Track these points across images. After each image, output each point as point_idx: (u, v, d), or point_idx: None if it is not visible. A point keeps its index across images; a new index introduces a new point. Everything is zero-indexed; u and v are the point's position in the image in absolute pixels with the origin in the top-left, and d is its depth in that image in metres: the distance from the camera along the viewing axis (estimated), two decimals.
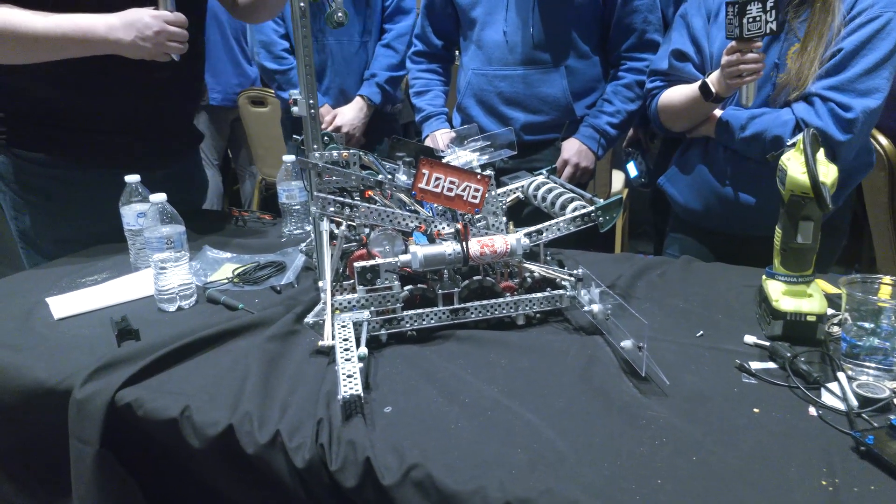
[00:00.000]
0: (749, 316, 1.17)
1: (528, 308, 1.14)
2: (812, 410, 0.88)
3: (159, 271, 1.25)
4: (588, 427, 0.86)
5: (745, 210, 1.51)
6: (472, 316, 1.13)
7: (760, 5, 1.29)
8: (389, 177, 1.18)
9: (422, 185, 1.09)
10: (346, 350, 0.95)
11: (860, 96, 1.33)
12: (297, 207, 1.63)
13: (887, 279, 1.01)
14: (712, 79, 1.43)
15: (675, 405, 0.90)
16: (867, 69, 1.32)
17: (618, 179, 3.15)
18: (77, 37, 1.34)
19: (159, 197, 1.26)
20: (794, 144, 1.10)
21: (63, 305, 1.27)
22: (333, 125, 2.07)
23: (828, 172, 0.99)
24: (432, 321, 1.11)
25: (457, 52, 2.05)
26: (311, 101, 1.04)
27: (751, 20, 1.31)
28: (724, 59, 1.37)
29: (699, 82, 1.46)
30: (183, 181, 1.74)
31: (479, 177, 1.11)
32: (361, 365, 0.92)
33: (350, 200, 1.07)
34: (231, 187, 4.12)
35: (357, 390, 0.86)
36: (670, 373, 0.96)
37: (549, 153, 1.84)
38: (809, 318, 1.04)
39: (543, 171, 1.42)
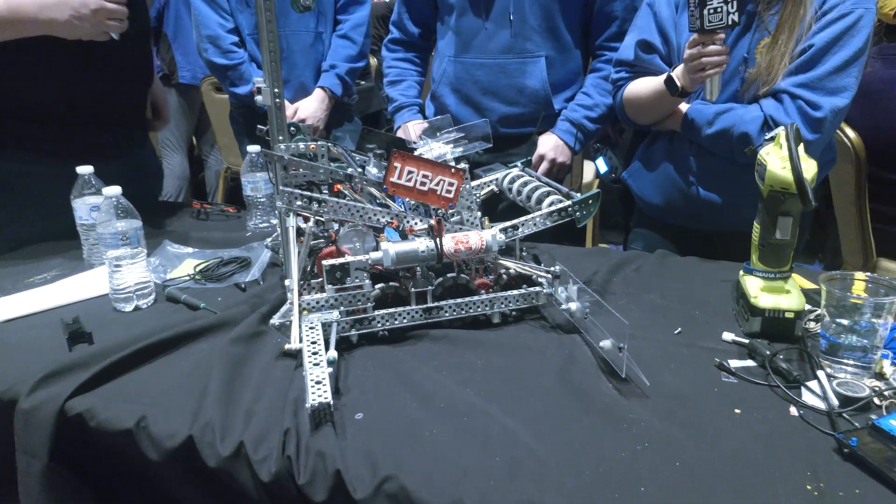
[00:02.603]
0: (726, 312, 1.16)
1: (503, 306, 1.11)
2: (793, 410, 0.87)
3: (114, 269, 1.18)
4: (568, 431, 0.83)
5: (709, 207, 1.49)
6: (447, 315, 1.09)
7: None
8: (360, 170, 1.13)
9: (393, 178, 1.04)
10: (315, 354, 0.90)
11: (829, 95, 1.31)
12: (262, 200, 1.56)
13: (861, 275, 1.00)
14: (678, 72, 1.40)
15: (655, 406, 0.88)
16: (837, 67, 1.30)
17: (589, 170, 3.14)
18: (6, 17, 1.25)
19: (113, 190, 1.19)
20: (772, 139, 1.08)
21: (8, 307, 1.19)
22: (297, 118, 2.00)
23: (808, 168, 0.98)
24: (405, 321, 1.07)
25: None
26: (277, 90, 0.98)
27: (712, 11, 1.28)
28: (687, 52, 1.35)
29: (665, 76, 1.43)
30: (135, 171, 1.65)
31: (453, 170, 1.07)
32: (331, 370, 0.87)
33: (318, 195, 1.02)
34: (197, 174, 4.00)
35: (326, 398, 0.81)
36: (650, 372, 0.94)
37: (525, 147, 1.80)
38: (788, 315, 1.03)
39: (518, 164, 1.38)
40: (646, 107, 1.52)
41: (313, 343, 0.93)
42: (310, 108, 2.02)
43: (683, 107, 1.47)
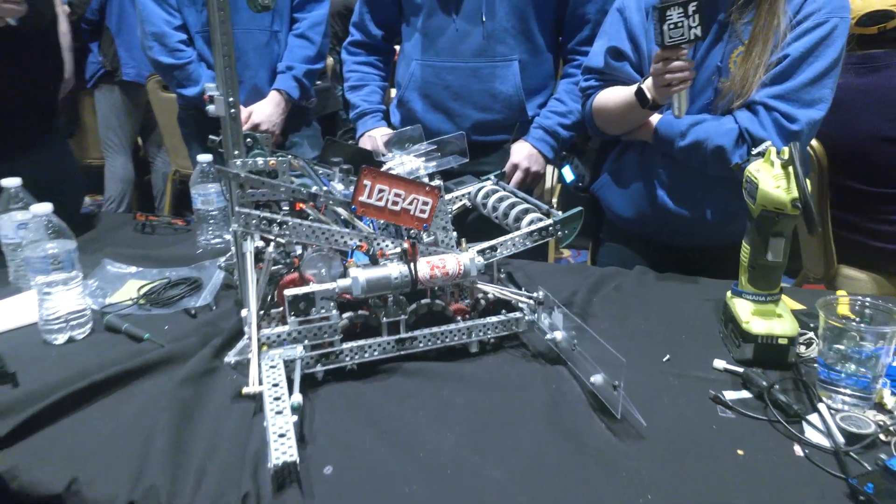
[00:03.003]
0: (712, 335, 1.10)
1: (482, 334, 1.03)
2: (798, 450, 0.81)
3: (44, 296, 1.05)
4: (563, 485, 0.75)
5: (681, 221, 1.43)
6: (421, 345, 1.00)
7: (681, 10, 1.20)
8: (324, 186, 1.03)
9: (363, 198, 0.94)
10: (277, 399, 0.80)
11: (805, 106, 1.27)
12: (214, 213, 1.44)
13: (845, 297, 0.96)
14: (648, 84, 1.34)
15: (654, 450, 0.81)
16: (812, 78, 1.26)
17: (550, 176, 3.09)
18: None
19: (43, 207, 1.06)
20: (760, 154, 1.03)
21: None
22: (250, 123, 1.86)
23: (804, 188, 0.92)
24: (376, 353, 0.97)
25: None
26: (232, 99, 0.87)
27: (672, 26, 1.22)
28: (652, 67, 1.29)
29: (635, 87, 1.37)
30: (45, 173, 1.50)
31: (427, 188, 0.98)
32: (295, 418, 0.77)
33: (278, 216, 0.91)
34: (142, 177, 3.78)
35: (291, 455, 0.71)
36: (642, 408, 0.87)
37: (497, 156, 1.72)
38: (781, 342, 0.98)
39: (491, 177, 1.30)
40: (616, 118, 1.45)
41: (275, 386, 0.82)
42: (264, 112, 1.90)
43: (655, 118, 1.42)
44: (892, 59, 1.85)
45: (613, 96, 1.44)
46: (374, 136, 1.76)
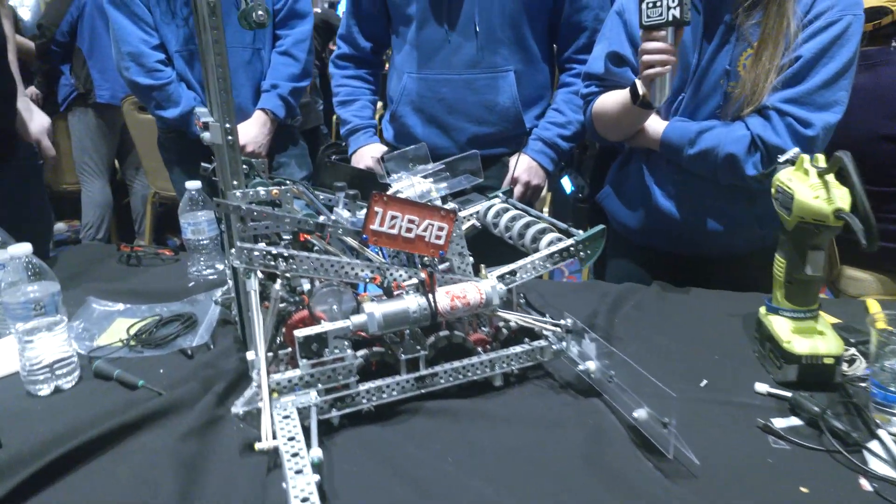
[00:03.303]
0: (746, 354, 1.04)
1: (506, 366, 0.96)
2: (864, 483, 0.75)
3: (26, 344, 0.95)
4: None
5: (691, 231, 1.38)
6: (442, 382, 0.92)
7: None
8: (332, 217, 0.95)
9: (374, 226, 0.87)
10: (295, 455, 0.72)
11: (820, 110, 1.21)
12: (205, 243, 1.35)
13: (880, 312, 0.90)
14: (639, 79, 1.28)
15: (710, 491, 0.74)
16: (827, 80, 1.21)
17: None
18: None
19: (22, 248, 0.97)
20: (790, 161, 0.98)
21: None
22: None
23: (843, 196, 0.87)
24: (395, 393, 0.90)
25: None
26: (229, 125, 0.79)
27: (650, 5, 1.18)
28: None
29: (630, 86, 1.31)
30: (6, 206, 1.41)
31: (442, 212, 0.91)
32: (318, 477, 0.69)
33: (284, 250, 0.83)
34: (121, 201, 3.66)
35: None
36: (689, 441, 0.80)
37: (496, 170, 1.66)
38: (827, 361, 0.92)
39: (499, 194, 1.24)
40: (614, 121, 1.39)
41: (291, 440, 0.74)
42: (250, 132, 1.81)
43: (660, 124, 1.36)
44: (888, 55, 1.82)
45: (611, 99, 1.38)
46: (366, 153, 1.69)
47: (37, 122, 1.67)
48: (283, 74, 1.86)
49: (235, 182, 0.83)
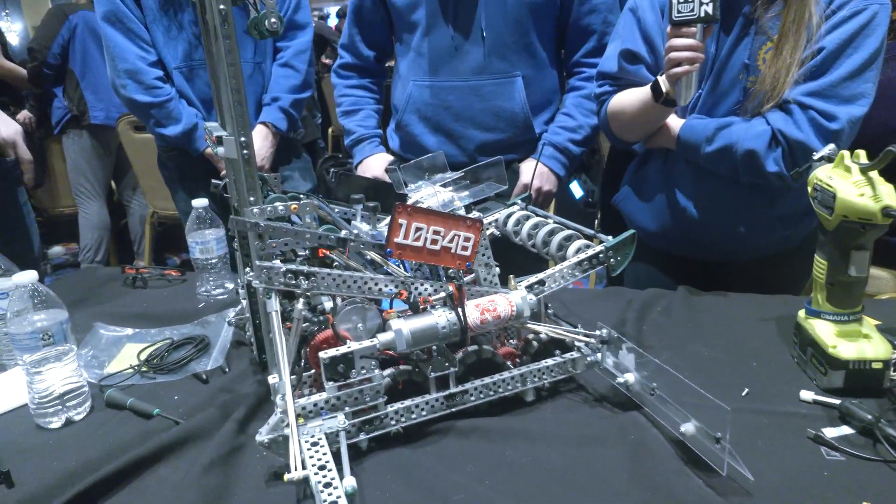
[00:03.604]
0: (785, 360, 1.01)
1: (538, 380, 0.91)
2: None
3: (34, 376, 0.91)
4: None
5: (709, 234, 1.34)
6: (472, 399, 0.88)
7: None
8: (354, 231, 0.91)
9: (399, 239, 0.83)
10: (328, 486, 0.68)
11: (844, 103, 1.18)
12: (214, 262, 1.31)
13: None
14: (664, 77, 1.25)
15: None
16: (852, 72, 1.18)
17: None
18: None
19: (27, 276, 0.92)
20: (827, 158, 0.94)
21: None
22: None
23: (889, 193, 0.83)
24: (424, 413, 0.85)
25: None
26: (244, 139, 0.75)
27: (682, 1, 1.15)
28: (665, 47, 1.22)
29: (651, 83, 1.28)
30: None
31: (468, 222, 0.87)
32: None
33: (306, 268, 0.79)
34: (118, 222, 3.62)
35: None
36: (738, 455, 0.76)
37: (507, 177, 1.62)
38: (875, 366, 0.88)
39: (518, 201, 1.20)
40: (632, 121, 1.36)
41: (322, 469, 0.70)
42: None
43: (677, 122, 1.33)
44: None
45: (629, 98, 1.34)
46: (372, 163, 1.66)
47: (7, 127, 1.65)
48: (284, 86, 1.83)
49: (252, 198, 0.79)
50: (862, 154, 0.88)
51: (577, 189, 2.09)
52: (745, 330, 1.11)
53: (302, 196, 0.87)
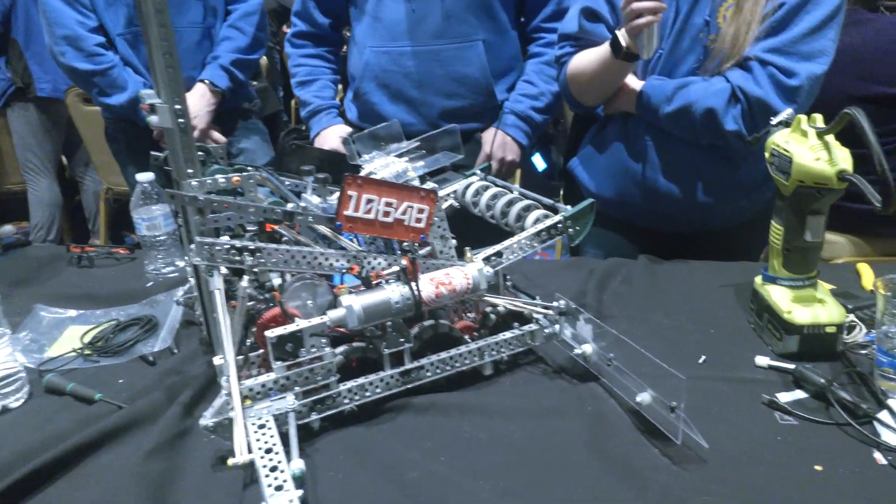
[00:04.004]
0: (743, 326, 1.01)
1: (496, 354, 0.90)
2: (879, 457, 0.72)
3: None
4: None
5: (669, 202, 1.32)
6: (429, 375, 0.86)
7: None
8: (300, 202, 0.88)
9: (349, 211, 0.79)
10: (274, 470, 0.65)
11: (804, 60, 1.16)
12: (162, 239, 1.26)
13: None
14: (623, 31, 1.21)
15: (720, 476, 0.70)
16: (812, 28, 1.15)
17: None
18: None
19: None
20: (784, 122, 0.93)
21: None
22: None
23: (845, 157, 0.83)
24: (379, 390, 0.83)
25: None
26: (179, 106, 0.70)
27: None
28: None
29: (610, 39, 1.25)
30: None
31: (422, 193, 0.83)
32: (300, 492, 0.63)
33: (251, 243, 0.76)
34: (71, 199, 3.48)
35: None
36: (693, 424, 0.76)
37: (469, 148, 1.58)
38: (829, 330, 0.88)
39: (478, 171, 1.17)
40: (591, 81, 1.32)
41: (269, 452, 0.67)
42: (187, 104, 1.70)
43: (637, 84, 1.30)
44: (857, 15, 1.80)
45: (587, 57, 1.31)
46: (329, 135, 1.61)
47: None
48: (228, 47, 1.75)
49: (190, 170, 0.74)
50: (818, 118, 0.87)
51: (539, 161, 2.06)
52: (704, 297, 1.11)
53: (249, 168, 0.82)
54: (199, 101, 1.72)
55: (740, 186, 1.29)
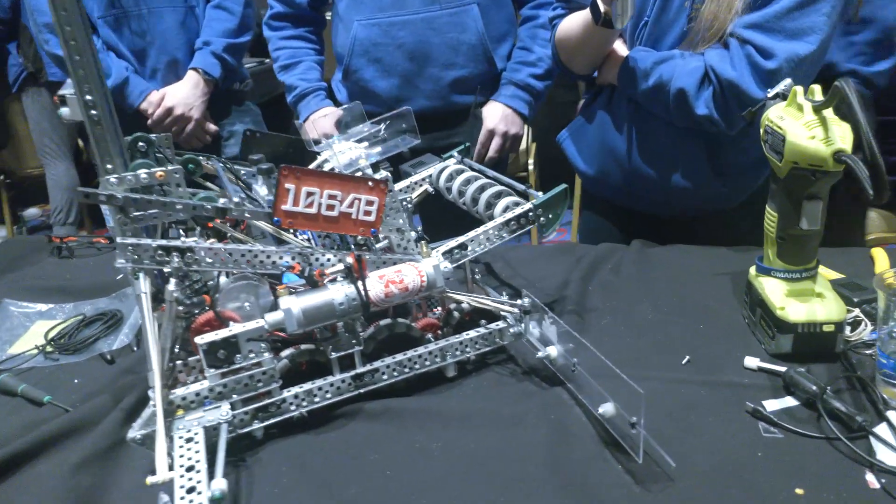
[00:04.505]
0: (735, 321, 0.92)
1: (459, 354, 0.83)
2: (871, 479, 0.63)
3: None
4: None
5: (647, 182, 1.22)
6: (385, 378, 0.80)
7: None
8: (243, 195, 0.82)
9: (287, 206, 0.73)
10: (191, 491, 0.60)
11: (787, 38, 1.00)
12: None
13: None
14: None
15: (687, 498, 0.63)
16: (801, 2, 1.00)
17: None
18: None
19: None
20: (780, 96, 0.83)
21: None
22: (163, 107, 1.62)
23: (844, 135, 0.73)
24: (329, 396, 0.78)
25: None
26: (91, 97, 0.65)
27: None
28: None
29: (591, 2, 1.13)
30: None
31: (370, 183, 0.77)
32: None
33: (178, 242, 0.70)
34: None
35: None
36: (665, 433, 0.69)
37: (470, 125, 1.51)
38: (826, 329, 0.79)
39: (455, 154, 1.10)
40: (577, 47, 1.21)
41: (189, 470, 0.63)
42: (179, 94, 1.64)
43: (624, 52, 1.19)
44: None
45: (574, 20, 1.20)
46: (317, 120, 1.54)
47: None
48: (217, 30, 1.69)
49: (109, 166, 0.69)
50: (817, 90, 0.77)
51: None
52: (698, 288, 1.02)
53: (202, 158, 0.76)
54: (192, 91, 1.67)
55: (720, 172, 1.17)
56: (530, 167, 2.91)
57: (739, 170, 1.18)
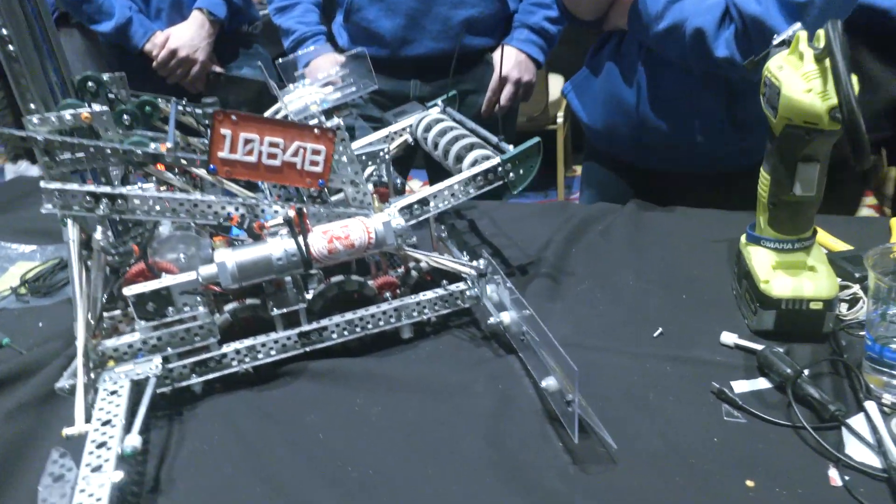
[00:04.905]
0: (724, 293, 0.85)
1: (416, 315, 0.79)
2: (834, 475, 0.57)
3: None
4: None
5: (658, 136, 1.13)
6: (334, 337, 0.77)
7: None
8: (177, 141, 0.78)
9: (224, 153, 0.69)
10: (101, 446, 0.59)
11: None
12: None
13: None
14: None
15: (623, 485, 0.58)
16: None
17: (555, 84, 2.74)
18: None
19: None
20: (786, 42, 0.73)
21: None
22: (167, 48, 1.58)
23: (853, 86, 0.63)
24: (273, 353, 0.75)
25: None
26: (6, 31, 0.61)
27: None
28: None
29: None
30: None
31: (316, 132, 0.72)
32: (121, 475, 0.56)
33: (109, 188, 0.67)
34: None
35: None
36: (619, 412, 0.64)
37: (478, 73, 1.44)
38: (814, 306, 0.71)
39: (438, 103, 1.03)
40: None
41: (105, 424, 0.61)
42: (183, 35, 1.60)
43: None
44: None
45: None
46: (319, 65, 1.48)
47: None
48: None
49: (32, 105, 0.66)
50: (822, 36, 0.67)
51: None
52: (689, 254, 0.94)
53: (149, 98, 0.72)
54: (197, 32, 1.63)
55: (740, 125, 1.07)
56: (559, 119, 2.78)
57: (761, 122, 1.08)
